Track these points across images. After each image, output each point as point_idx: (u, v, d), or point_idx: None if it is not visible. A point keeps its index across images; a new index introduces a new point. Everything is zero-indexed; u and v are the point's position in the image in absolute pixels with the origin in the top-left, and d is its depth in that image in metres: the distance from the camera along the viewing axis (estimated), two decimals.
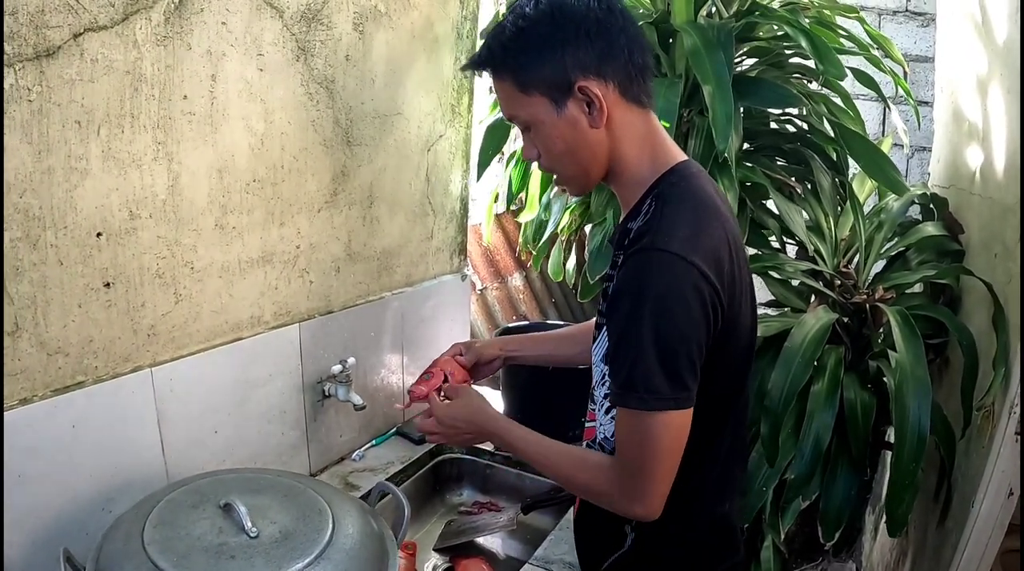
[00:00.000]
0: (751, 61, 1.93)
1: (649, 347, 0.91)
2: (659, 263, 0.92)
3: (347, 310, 1.61)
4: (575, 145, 1.00)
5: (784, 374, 1.63)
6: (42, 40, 0.97)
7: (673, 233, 0.94)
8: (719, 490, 1.13)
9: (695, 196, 1.01)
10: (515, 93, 0.99)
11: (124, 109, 1.09)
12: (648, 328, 0.91)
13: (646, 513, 0.98)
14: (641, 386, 0.92)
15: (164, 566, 0.85)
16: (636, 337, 0.92)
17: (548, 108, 0.97)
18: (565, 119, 0.98)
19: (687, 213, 0.98)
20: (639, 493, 0.97)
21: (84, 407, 1.11)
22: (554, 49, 0.95)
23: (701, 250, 0.93)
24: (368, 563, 0.94)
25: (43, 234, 1.02)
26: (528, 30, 0.96)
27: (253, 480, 1.06)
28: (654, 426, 0.94)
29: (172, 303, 1.23)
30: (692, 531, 1.12)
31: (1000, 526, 1.69)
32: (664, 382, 0.92)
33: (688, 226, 0.95)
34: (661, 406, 0.93)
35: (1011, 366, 1.62)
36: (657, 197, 1.00)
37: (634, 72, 0.99)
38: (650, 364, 0.91)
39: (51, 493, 1.08)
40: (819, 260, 1.89)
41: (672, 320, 0.92)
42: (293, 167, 1.40)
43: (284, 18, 1.31)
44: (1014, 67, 1.78)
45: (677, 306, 0.92)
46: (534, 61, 0.96)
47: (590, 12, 0.95)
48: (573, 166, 1.03)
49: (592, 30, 0.95)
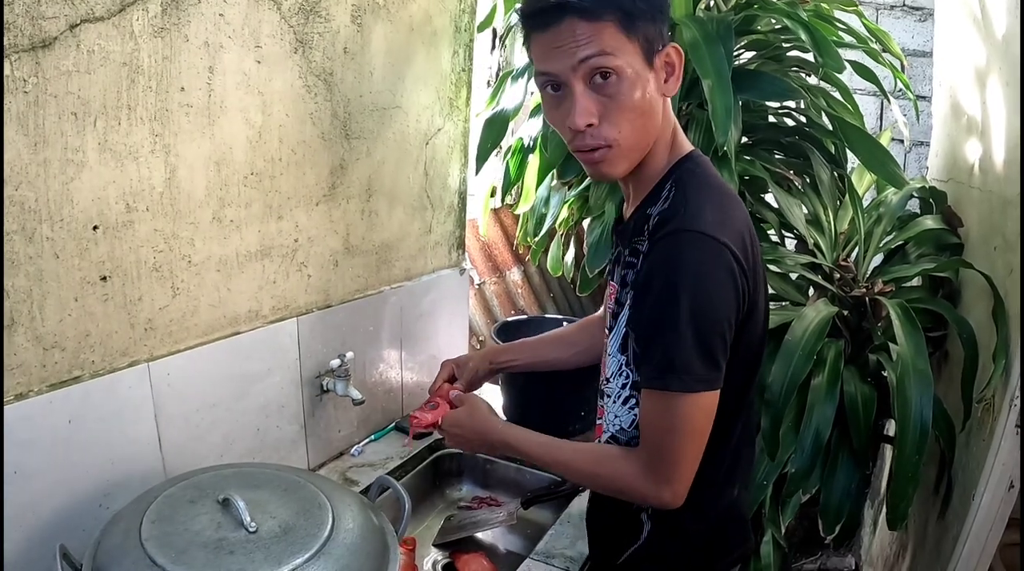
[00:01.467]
0: (750, 54, 1.93)
1: (687, 328, 0.91)
2: (692, 244, 0.93)
3: (345, 304, 1.60)
4: (650, 107, 0.97)
5: (784, 367, 1.63)
6: (38, 31, 0.96)
7: (702, 215, 0.94)
8: (729, 475, 1.14)
9: (715, 182, 1.03)
10: (617, 35, 0.92)
11: (121, 101, 1.08)
12: (685, 308, 0.91)
13: (673, 498, 0.99)
14: (681, 367, 0.92)
15: (162, 562, 0.84)
16: (673, 318, 0.92)
17: (640, 60, 0.95)
18: (653, 76, 0.96)
19: (712, 197, 0.99)
20: (666, 477, 0.98)
21: (81, 402, 1.09)
22: (659, 8, 0.96)
23: (730, 232, 0.95)
24: (369, 558, 0.94)
25: (39, 227, 1.01)
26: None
27: (252, 475, 1.05)
28: (688, 406, 0.94)
29: (169, 297, 1.22)
30: (705, 520, 1.12)
31: (1001, 519, 1.69)
32: (701, 363, 0.93)
33: (714, 209, 0.96)
34: (699, 387, 0.93)
35: (1011, 359, 1.62)
36: (677, 182, 1.00)
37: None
38: (688, 345, 0.92)
39: (48, 489, 1.07)
40: (818, 253, 1.89)
41: (709, 300, 0.92)
42: (291, 160, 1.39)
43: (282, 10, 1.30)
44: (1013, 61, 1.78)
45: (713, 286, 0.93)
46: (649, 10, 0.94)
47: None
48: (640, 130, 0.98)
49: (664, 8, 0.99)
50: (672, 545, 1.12)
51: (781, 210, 1.82)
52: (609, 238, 1.67)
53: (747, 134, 1.93)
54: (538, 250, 2.09)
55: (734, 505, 1.17)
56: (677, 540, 1.12)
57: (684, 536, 1.12)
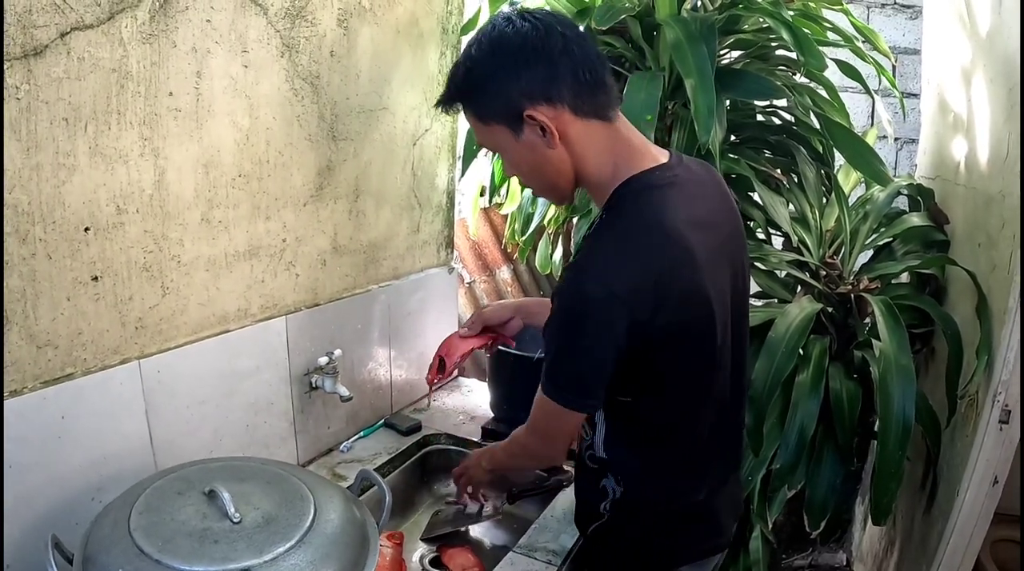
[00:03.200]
0: (736, 53, 1.95)
1: (563, 353, 1.05)
2: (577, 286, 1.02)
3: (334, 303, 1.62)
4: (538, 165, 1.07)
5: (768, 364, 1.65)
6: (29, 39, 0.98)
7: (596, 260, 1.03)
8: (693, 478, 1.19)
9: (639, 213, 1.03)
10: (478, 124, 1.08)
11: (111, 106, 1.10)
12: (564, 338, 1.03)
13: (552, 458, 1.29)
14: (559, 384, 1.07)
15: (149, 550, 0.87)
16: (555, 340, 1.05)
17: (508, 135, 1.05)
18: (524, 143, 1.05)
19: (620, 235, 1.03)
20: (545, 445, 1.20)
21: (73, 399, 1.12)
22: (499, 83, 1.02)
23: (626, 273, 0.98)
24: (349, 548, 0.97)
25: (32, 229, 1.04)
26: (474, 70, 1.04)
27: (238, 468, 1.08)
28: (563, 416, 1.09)
29: (159, 296, 1.24)
30: (662, 514, 1.19)
31: (986, 514, 1.71)
32: (571, 385, 1.06)
33: (614, 251, 1.01)
34: (571, 406, 1.08)
35: (994, 354, 1.64)
36: (608, 209, 1.07)
37: (584, 89, 1.02)
38: (567, 369, 1.06)
39: (41, 483, 1.09)
40: (804, 251, 1.91)
41: (582, 339, 1.01)
42: (278, 162, 1.42)
43: (268, 15, 1.33)
44: (996, 58, 1.80)
45: (587, 328, 1.00)
46: (484, 96, 1.04)
47: (527, 42, 0.99)
48: (541, 183, 1.13)
49: (531, 59, 0.99)
50: (631, 526, 1.20)
51: (766, 208, 1.84)
52: None
53: (734, 132, 1.95)
54: (526, 248, 2.11)
55: (700, 506, 1.21)
56: (636, 521, 1.20)
57: (642, 525, 1.20)
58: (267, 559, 0.88)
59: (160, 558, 0.86)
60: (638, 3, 1.78)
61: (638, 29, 1.75)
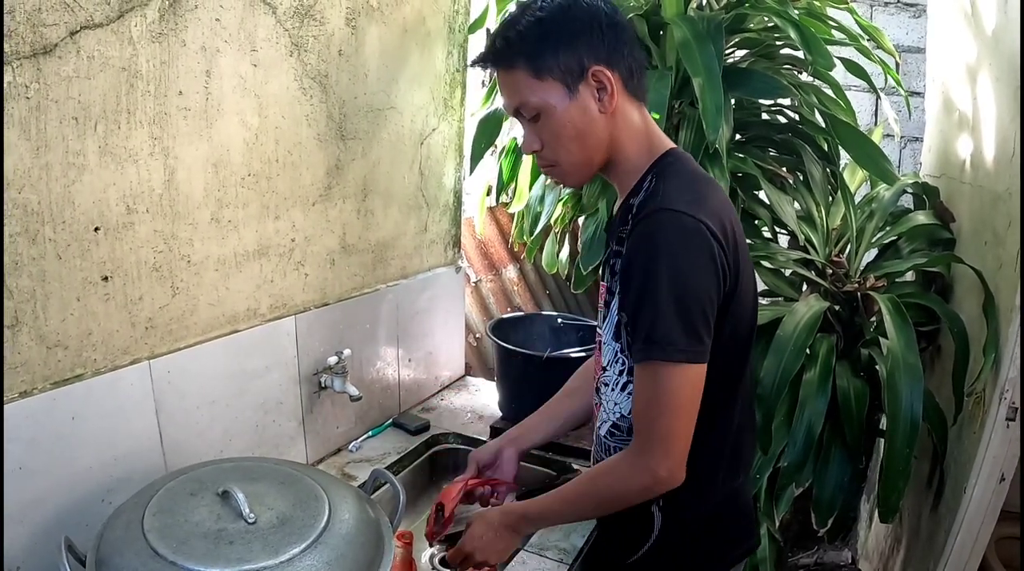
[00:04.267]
0: (742, 52, 1.95)
1: (666, 301, 0.96)
2: (670, 221, 0.98)
3: (342, 302, 1.62)
4: (584, 130, 1.05)
5: (776, 362, 1.65)
6: (39, 38, 0.98)
7: (679, 197, 1.01)
8: (734, 461, 1.18)
9: (692, 171, 1.10)
10: (528, 79, 1.04)
11: (120, 105, 1.10)
12: (665, 282, 0.96)
13: (669, 475, 1.01)
14: (662, 339, 0.97)
15: (164, 552, 0.86)
16: (654, 292, 0.97)
17: (561, 93, 1.03)
18: (577, 103, 1.04)
19: (688, 183, 1.05)
20: (661, 455, 1.01)
21: (83, 399, 1.12)
22: (571, 37, 1.02)
23: (707, 212, 1.00)
24: (364, 548, 0.96)
25: (41, 229, 1.03)
26: (546, 20, 1.03)
27: (251, 468, 1.08)
28: (673, 378, 0.98)
29: (169, 296, 1.24)
30: (711, 506, 1.16)
31: (992, 511, 1.71)
32: (681, 335, 0.97)
33: (691, 192, 1.03)
34: (680, 357, 0.97)
35: (1001, 352, 1.64)
36: (657, 174, 1.07)
37: (634, 67, 1.07)
38: (669, 317, 0.96)
39: (51, 484, 1.09)
40: (811, 249, 1.91)
41: (686, 274, 0.97)
42: (287, 161, 1.41)
43: (277, 14, 1.32)
44: (1002, 56, 1.80)
45: (690, 260, 0.97)
46: (552, 47, 1.02)
47: (599, 8, 1.04)
48: (579, 152, 1.07)
49: (604, 23, 1.03)
50: (683, 537, 1.16)
51: (773, 207, 1.84)
52: (603, 235, 1.69)
53: (740, 131, 1.95)
54: (533, 248, 2.11)
55: (738, 493, 1.20)
56: (687, 531, 1.15)
57: (694, 526, 1.16)
58: (283, 560, 0.88)
59: (175, 559, 0.85)
60: (645, 2, 1.78)
61: (645, 28, 1.75)
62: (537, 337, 1.98)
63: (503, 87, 1.09)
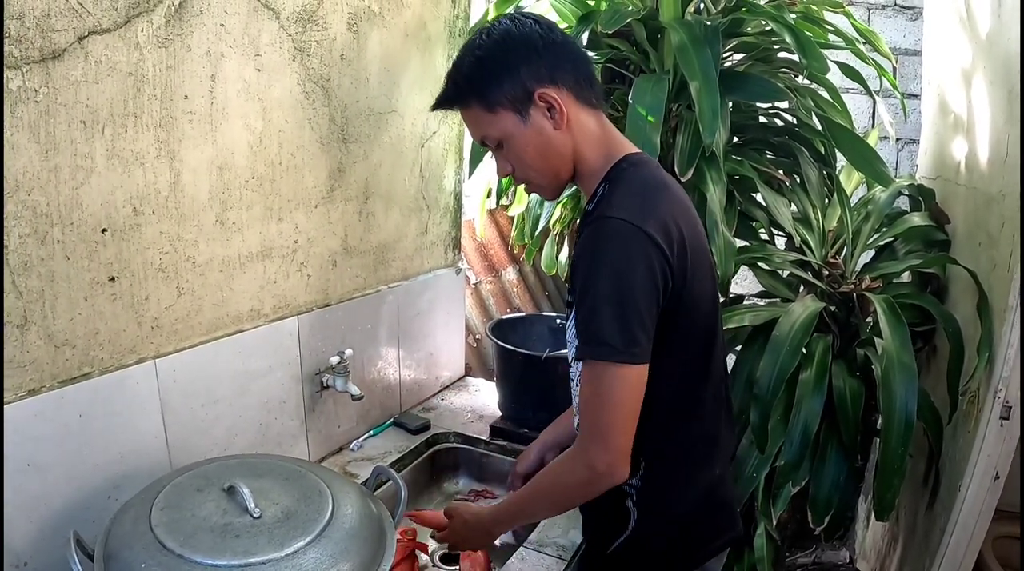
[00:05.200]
0: (739, 56, 1.97)
1: (603, 304, 1.01)
2: (610, 228, 1.03)
3: (344, 303, 1.64)
4: (544, 149, 1.12)
5: (772, 362, 1.66)
6: (48, 43, 1.00)
7: (622, 205, 1.05)
8: (707, 452, 1.21)
9: (641, 177, 1.13)
10: (483, 114, 1.11)
11: (127, 109, 1.12)
12: (602, 286, 1.01)
13: (608, 468, 1.04)
14: (596, 340, 1.01)
15: (171, 545, 0.89)
16: (592, 296, 1.02)
17: (515, 120, 1.10)
18: (531, 127, 1.10)
19: (634, 190, 1.09)
20: (599, 450, 1.04)
21: (91, 398, 1.14)
22: (510, 68, 1.08)
23: (648, 218, 1.03)
24: (367, 541, 0.98)
25: (50, 230, 1.06)
26: (485, 58, 1.10)
27: (256, 465, 1.10)
28: (609, 378, 1.02)
29: (175, 296, 1.26)
30: (687, 501, 1.19)
31: (987, 509, 1.72)
32: (617, 336, 1.00)
33: (635, 199, 1.07)
34: (616, 358, 1.01)
35: (995, 352, 1.66)
36: (609, 181, 1.12)
37: (582, 78, 1.13)
38: (605, 320, 1.01)
39: (59, 481, 1.11)
40: (807, 251, 1.93)
41: (624, 278, 1.01)
42: (291, 164, 1.44)
43: (280, 19, 1.35)
44: (997, 59, 1.82)
45: (627, 266, 1.01)
46: (495, 81, 1.09)
47: (533, 33, 1.10)
48: (545, 170, 1.15)
49: (539, 46, 1.09)
50: (659, 530, 1.18)
51: (769, 209, 1.86)
52: None
53: (737, 134, 1.97)
54: (533, 249, 2.13)
55: (716, 489, 1.22)
56: (663, 524, 1.18)
57: (669, 518, 1.18)
58: (288, 553, 0.90)
59: (183, 553, 0.88)
60: (642, 7, 1.80)
61: (643, 32, 1.77)
62: (536, 337, 2.00)
63: (466, 123, 1.17)
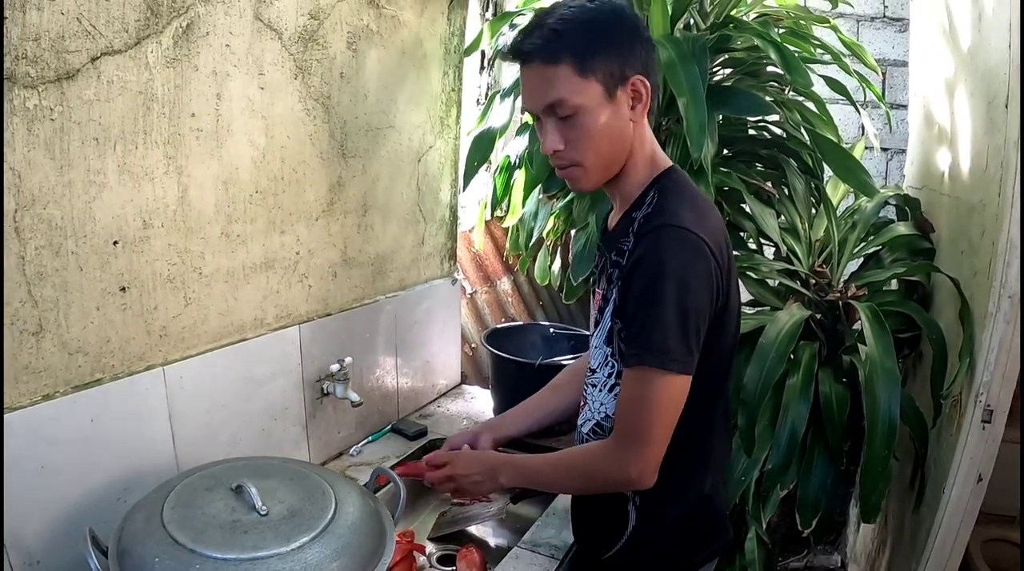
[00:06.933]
0: (728, 71, 2.02)
1: (668, 311, 1.00)
2: (676, 238, 1.03)
3: (344, 313, 1.69)
4: (614, 134, 1.08)
5: (759, 367, 1.71)
6: (63, 64, 1.05)
7: (683, 214, 1.05)
8: (705, 465, 1.23)
9: (693, 191, 1.14)
10: (571, 77, 1.03)
11: (137, 126, 1.17)
12: (669, 293, 1.00)
13: (640, 475, 1.06)
14: (659, 347, 1.01)
15: (183, 541, 0.93)
16: (657, 302, 1.01)
17: (600, 95, 1.05)
18: (613, 107, 1.06)
19: (690, 202, 1.10)
20: (635, 455, 1.06)
21: (102, 403, 1.18)
22: (620, 42, 1.05)
23: (707, 231, 1.05)
24: (368, 538, 1.03)
25: (64, 242, 1.10)
26: (599, 19, 1.04)
27: (261, 466, 1.14)
28: (661, 385, 1.03)
29: (182, 306, 1.31)
30: (684, 506, 1.21)
31: (971, 510, 1.76)
32: (678, 345, 1.01)
33: (693, 211, 1.07)
34: (673, 367, 1.02)
35: (975, 356, 1.70)
36: (659, 190, 1.11)
37: (656, 84, 1.11)
38: (669, 328, 1.01)
39: (71, 482, 1.15)
40: (794, 260, 1.97)
41: (689, 288, 1.01)
42: (292, 179, 1.49)
43: (283, 39, 1.40)
44: (977, 72, 1.87)
45: (693, 276, 1.02)
46: (603, 48, 1.04)
47: (643, 24, 1.10)
48: (604, 154, 1.10)
49: (644, 36, 1.09)
50: (657, 535, 1.21)
51: (755, 219, 1.91)
52: (593, 248, 1.76)
53: (727, 146, 2.01)
54: (527, 260, 2.18)
55: (710, 496, 1.25)
56: (661, 529, 1.21)
57: (667, 524, 1.21)
58: (293, 547, 0.95)
59: (194, 547, 0.92)
60: None
61: None
62: (530, 346, 2.04)
63: (536, 82, 1.07)
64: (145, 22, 1.15)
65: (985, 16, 1.80)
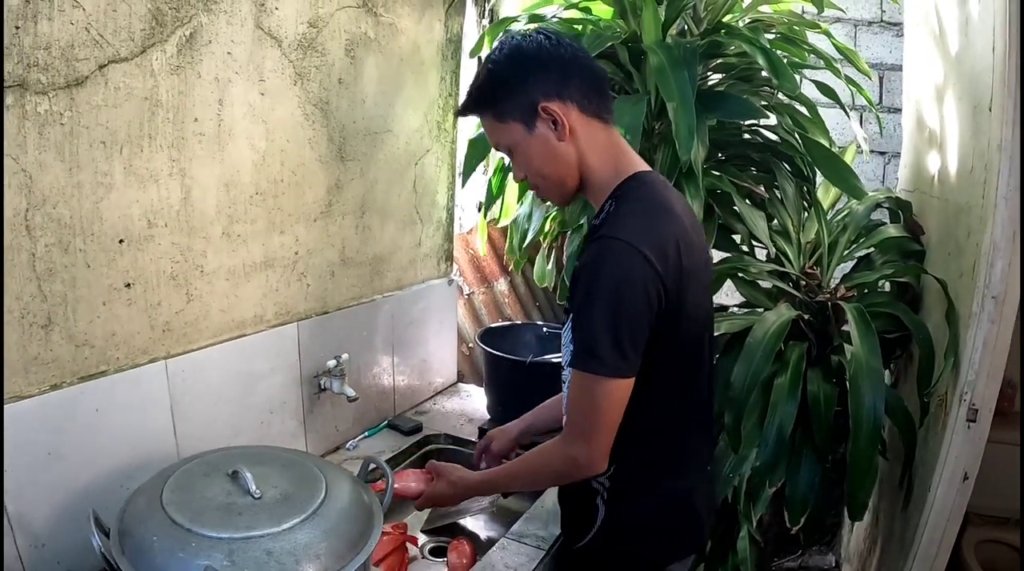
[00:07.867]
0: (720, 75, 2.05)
1: (599, 320, 1.08)
2: (611, 249, 1.09)
3: (341, 311, 1.74)
4: (548, 158, 1.18)
5: (746, 366, 1.73)
6: (72, 71, 1.11)
7: (625, 225, 1.11)
8: (678, 462, 1.27)
9: (648, 198, 1.18)
10: (495, 124, 1.20)
11: (143, 131, 1.23)
12: (599, 303, 1.08)
13: (588, 461, 1.15)
14: (589, 352, 1.09)
15: (181, 521, 0.98)
16: (590, 311, 1.09)
17: (522, 131, 1.18)
18: (536, 137, 1.17)
19: (638, 211, 1.15)
20: (580, 444, 1.14)
21: (107, 393, 1.23)
22: (519, 82, 1.16)
23: (648, 241, 1.09)
24: (356, 521, 1.08)
25: (73, 240, 1.16)
26: (497, 71, 1.18)
27: (257, 454, 1.19)
28: (597, 388, 1.11)
29: (184, 302, 1.36)
30: (654, 503, 1.25)
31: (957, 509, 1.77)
32: (608, 351, 1.08)
33: (638, 220, 1.13)
34: (604, 372, 1.09)
35: (960, 357, 1.73)
36: (616, 199, 1.18)
37: (589, 92, 1.18)
38: (599, 334, 1.08)
39: (76, 469, 1.21)
40: (785, 262, 2.01)
41: (619, 299, 1.08)
42: (292, 181, 1.54)
43: (283, 47, 1.45)
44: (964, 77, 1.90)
45: (625, 287, 1.08)
46: (505, 94, 1.17)
47: (541, 49, 1.16)
48: (551, 177, 1.21)
49: (545, 62, 1.16)
50: (625, 528, 1.25)
51: (746, 222, 1.94)
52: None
53: (720, 150, 2.04)
54: (521, 261, 2.21)
55: (685, 497, 1.29)
56: (629, 524, 1.25)
57: (635, 519, 1.25)
58: (284, 528, 1.00)
59: (191, 527, 0.97)
60: (625, 30, 1.89)
61: (625, 55, 1.86)
62: (524, 344, 2.08)
63: (485, 129, 1.25)
64: (150, 31, 1.20)
65: (971, 21, 1.83)
